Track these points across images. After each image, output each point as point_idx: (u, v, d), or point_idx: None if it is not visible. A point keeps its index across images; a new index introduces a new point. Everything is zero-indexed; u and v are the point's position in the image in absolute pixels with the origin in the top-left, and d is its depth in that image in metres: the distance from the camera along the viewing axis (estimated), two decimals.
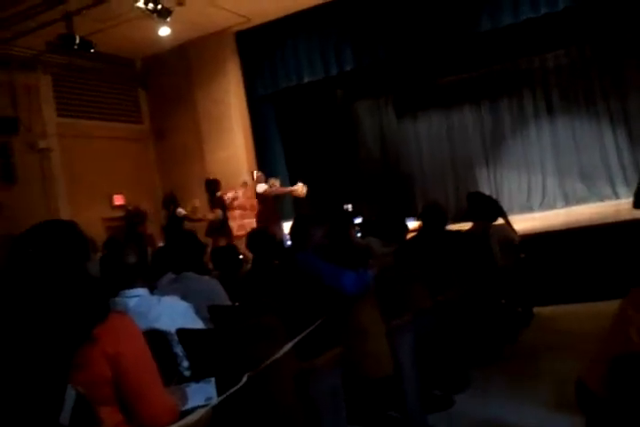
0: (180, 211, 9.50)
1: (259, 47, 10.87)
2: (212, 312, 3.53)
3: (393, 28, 9.65)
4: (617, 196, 11.65)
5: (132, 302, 2.79)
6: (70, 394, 1.75)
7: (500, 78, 12.87)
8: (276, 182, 9.70)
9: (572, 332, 5.19)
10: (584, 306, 5.90)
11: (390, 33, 9.68)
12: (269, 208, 9.64)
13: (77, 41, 8.78)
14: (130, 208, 9.69)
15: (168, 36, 9.26)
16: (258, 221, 9.39)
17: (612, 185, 11.82)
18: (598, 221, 7.98)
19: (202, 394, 2.45)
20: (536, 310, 5.81)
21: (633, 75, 11.57)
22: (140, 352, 1.88)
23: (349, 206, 10.05)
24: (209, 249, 5.41)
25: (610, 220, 7.88)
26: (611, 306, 5.44)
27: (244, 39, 11.00)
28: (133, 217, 8.75)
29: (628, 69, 11.66)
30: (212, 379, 2.51)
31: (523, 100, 12.90)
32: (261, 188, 9.64)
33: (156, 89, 11.63)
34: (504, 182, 12.96)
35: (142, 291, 2.86)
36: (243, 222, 9.59)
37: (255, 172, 10.03)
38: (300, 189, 9.63)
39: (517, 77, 12.83)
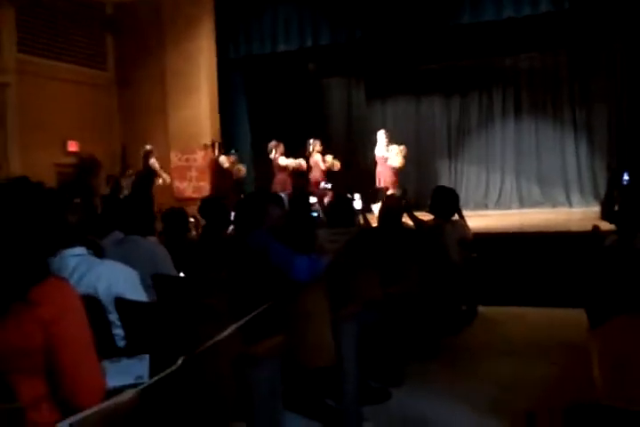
0: (154, 163, 9.21)
1: (236, 9, 10.54)
2: (155, 281, 3.37)
3: (374, 9, 9.51)
4: (570, 204, 11.84)
5: (72, 262, 2.62)
6: None
7: (472, 73, 12.86)
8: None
9: (513, 336, 5.23)
10: (528, 310, 5.95)
11: (370, 13, 9.57)
12: (230, 180, 9.38)
13: None
14: (84, 156, 9.20)
15: None
16: (213, 190, 9.09)
17: (567, 192, 12.01)
18: (551, 228, 8.11)
19: (132, 372, 2.30)
20: (480, 309, 5.82)
21: (600, 86, 11.68)
22: (78, 322, 1.73)
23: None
24: None
25: (561, 228, 8.00)
26: (554, 313, 5.58)
27: None
28: (86, 166, 8.31)
29: (596, 81, 11.79)
30: (147, 356, 2.36)
31: (492, 98, 12.97)
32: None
33: (125, 37, 11.14)
34: (463, 177, 13.02)
35: (82, 250, 2.70)
36: (199, 185, 9.31)
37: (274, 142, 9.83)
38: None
39: (490, 74, 12.84)
